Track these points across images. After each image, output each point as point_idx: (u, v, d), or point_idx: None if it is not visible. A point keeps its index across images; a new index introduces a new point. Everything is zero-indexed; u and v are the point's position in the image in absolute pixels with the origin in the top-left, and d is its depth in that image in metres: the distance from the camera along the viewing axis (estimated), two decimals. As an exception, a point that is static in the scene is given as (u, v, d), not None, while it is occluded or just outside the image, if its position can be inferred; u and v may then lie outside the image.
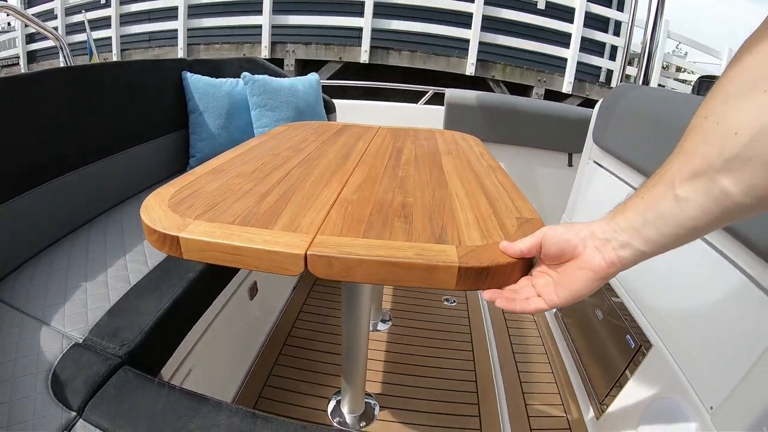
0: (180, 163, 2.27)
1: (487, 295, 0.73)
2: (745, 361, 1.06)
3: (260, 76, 2.25)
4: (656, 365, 1.43)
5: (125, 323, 1.13)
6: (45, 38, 11.16)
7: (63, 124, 1.60)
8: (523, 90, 8.21)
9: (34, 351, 1.06)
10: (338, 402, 1.70)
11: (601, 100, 2.26)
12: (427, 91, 3.64)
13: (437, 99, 3.61)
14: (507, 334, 2.20)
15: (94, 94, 1.74)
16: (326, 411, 1.69)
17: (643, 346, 1.50)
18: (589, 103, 8.11)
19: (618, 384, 1.59)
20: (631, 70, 8.27)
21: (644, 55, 2.43)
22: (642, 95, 1.93)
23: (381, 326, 2.14)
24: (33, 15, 8.35)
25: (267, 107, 2.20)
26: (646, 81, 2.47)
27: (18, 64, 12.37)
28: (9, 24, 13.31)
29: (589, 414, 1.74)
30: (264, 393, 1.75)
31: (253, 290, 1.78)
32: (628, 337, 1.60)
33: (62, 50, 2.66)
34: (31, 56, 11.79)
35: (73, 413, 0.90)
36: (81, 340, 1.09)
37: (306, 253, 0.73)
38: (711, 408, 1.15)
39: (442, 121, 3.41)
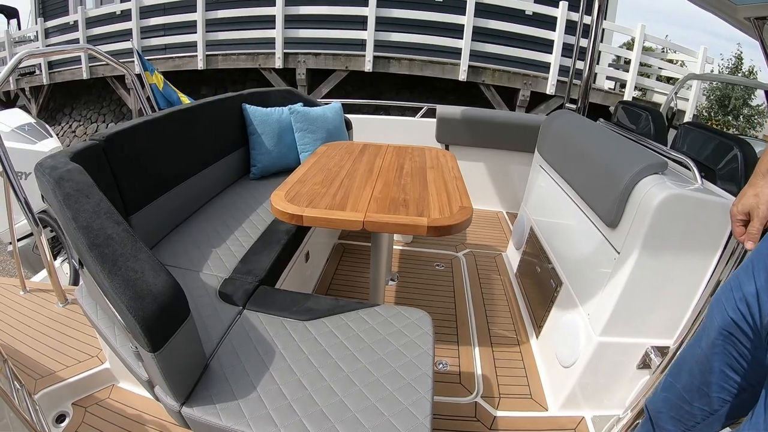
0: (244, 170, 3.18)
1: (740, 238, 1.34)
2: (600, 286, 1.97)
3: (302, 108, 3.15)
4: (565, 296, 2.34)
5: (253, 266, 2.06)
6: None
7: (179, 150, 2.45)
8: (511, 93, 9.05)
9: (200, 284, 1.94)
10: None
11: (544, 120, 3.15)
12: (422, 107, 4.53)
13: (430, 112, 4.50)
14: (480, 288, 3.11)
15: (191, 127, 2.58)
16: None
17: (558, 286, 2.41)
18: (571, 103, 8.90)
19: (548, 313, 2.50)
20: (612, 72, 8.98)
21: (582, 89, 3.32)
22: (570, 122, 2.82)
23: (390, 283, 3.05)
24: (50, 27, 9.12)
25: (307, 131, 3.11)
26: (583, 110, 3.35)
27: (35, 72, 13.20)
28: (28, 36, 14.10)
29: (532, 335, 2.65)
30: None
31: (307, 256, 2.70)
32: (551, 280, 2.51)
33: (134, 84, 3.42)
34: (50, 64, 12.57)
35: (240, 307, 1.80)
36: (228, 277, 2.00)
37: (363, 220, 1.66)
38: (588, 315, 2.06)
39: (434, 132, 4.32)
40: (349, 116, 3.89)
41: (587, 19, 3.57)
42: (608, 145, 2.17)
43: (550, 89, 8.72)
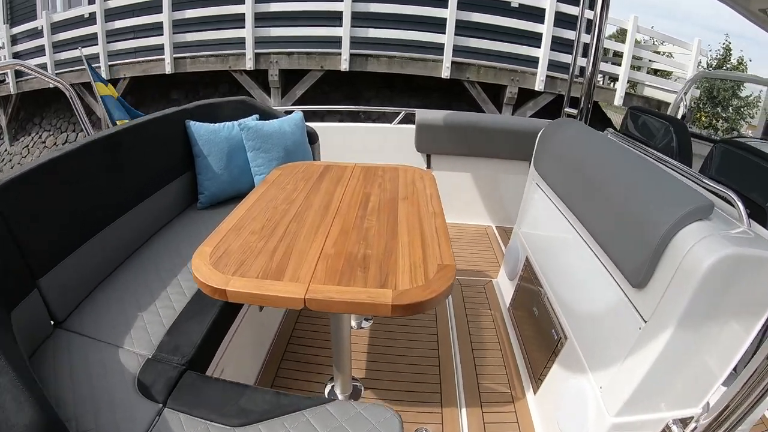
0: (190, 199, 2.71)
1: None
2: (618, 357, 1.55)
3: (253, 123, 2.69)
4: (570, 354, 1.93)
5: (181, 341, 1.62)
6: (31, 57, 11.31)
7: (104, 186, 2.01)
8: (497, 90, 8.61)
9: (118, 367, 1.52)
10: (332, 386, 2.18)
11: (542, 130, 2.69)
12: (400, 112, 4.05)
13: (411, 116, 4.03)
14: (467, 326, 2.68)
15: (122, 155, 2.14)
16: (323, 393, 2.16)
17: (561, 338, 1.99)
18: (561, 99, 8.51)
19: (548, 366, 2.08)
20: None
21: (584, 91, 2.87)
22: (575, 135, 2.37)
23: (365, 324, 2.61)
24: (17, 34, 8.57)
25: (261, 150, 2.65)
26: (586, 115, 2.90)
27: (5, 81, 12.57)
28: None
29: (529, 390, 2.24)
30: (274, 383, 2.24)
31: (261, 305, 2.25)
32: (552, 330, 2.09)
33: (71, 99, 2.96)
34: (18, 73, 11.93)
35: (160, 405, 1.37)
36: (151, 356, 1.56)
37: (305, 298, 1.21)
38: (601, 388, 1.65)
39: (414, 140, 3.86)
40: (316, 125, 3.45)
41: (577, 11, 3.15)
42: (630, 173, 1.73)
43: (538, 85, 8.29)
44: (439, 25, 8.10)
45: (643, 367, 1.43)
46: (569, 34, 8.28)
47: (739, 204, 1.44)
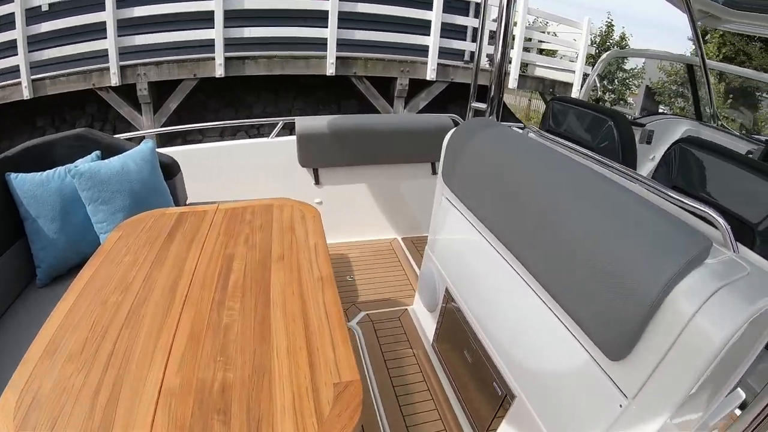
0: (25, 277, 2.08)
1: None
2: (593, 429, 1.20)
3: (87, 166, 2.08)
4: (523, 416, 1.56)
5: None
6: None
7: None
8: (387, 83, 8.27)
9: None
10: None
11: (449, 135, 2.25)
12: (278, 123, 3.49)
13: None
14: (387, 374, 2.26)
15: None
16: None
17: (508, 396, 1.62)
18: (454, 87, 8.33)
19: (495, 423, 1.71)
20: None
21: (494, 82, 2.47)
22: (489, 137, 1.97)
23: None
24: None
25: (100, 201, 2.06)
26: (498, 112, 2.51)
27: None
28: None
29: None
30: None
31: None
32: (494, 384, 1.71)
33: None
34: None
35: None
36: None
37: None
38: None
39: (296, 154, 3.34)
40: (176, 150, 2.88)
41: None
42: (583, 195, 1.36)
43: (430, 75, 8.02)
44: (320, 18, 7.53)
45: None
46: (459, 20, 8.14)
47: (723, 225, 1.12)
